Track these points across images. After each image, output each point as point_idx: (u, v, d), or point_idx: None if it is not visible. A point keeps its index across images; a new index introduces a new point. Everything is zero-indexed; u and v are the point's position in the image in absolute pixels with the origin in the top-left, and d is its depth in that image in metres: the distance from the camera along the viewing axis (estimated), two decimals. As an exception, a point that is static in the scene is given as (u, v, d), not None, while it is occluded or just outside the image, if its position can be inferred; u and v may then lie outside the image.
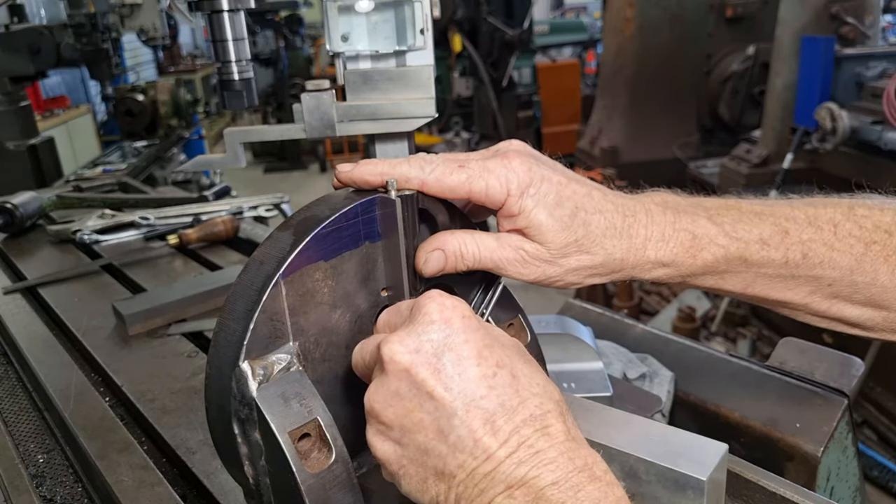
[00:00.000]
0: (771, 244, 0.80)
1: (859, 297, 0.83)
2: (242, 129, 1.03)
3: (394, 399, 0.62)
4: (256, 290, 0.66)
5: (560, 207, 0.74)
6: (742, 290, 0.83)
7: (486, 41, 6.74)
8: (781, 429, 1.10)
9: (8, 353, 1.56)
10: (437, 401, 0.60)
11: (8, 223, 2.22)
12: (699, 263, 0.79)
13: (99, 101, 8.23)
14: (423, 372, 0.60)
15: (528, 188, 0.73)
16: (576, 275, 0.77)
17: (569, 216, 0.74)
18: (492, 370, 0.61)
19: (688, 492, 0.76)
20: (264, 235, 0.86)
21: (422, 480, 0.62)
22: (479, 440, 0.58)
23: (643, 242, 0.77)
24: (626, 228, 0.77)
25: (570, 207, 0.74)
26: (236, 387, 0.65)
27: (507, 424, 0.59)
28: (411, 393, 0.61)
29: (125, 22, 5.19)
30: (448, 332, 0.62)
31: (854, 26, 4.33)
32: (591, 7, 14.28)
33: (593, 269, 0.77)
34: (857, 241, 0.81)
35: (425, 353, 0.61)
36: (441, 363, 0.61)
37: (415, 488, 0.63)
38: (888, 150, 3.56)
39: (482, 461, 0.58)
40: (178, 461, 1.07)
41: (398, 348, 0.62)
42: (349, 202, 0.71)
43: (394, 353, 0.62)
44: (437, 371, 0.60)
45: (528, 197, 0.73)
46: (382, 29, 1.02)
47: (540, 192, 0.74)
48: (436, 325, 0.62)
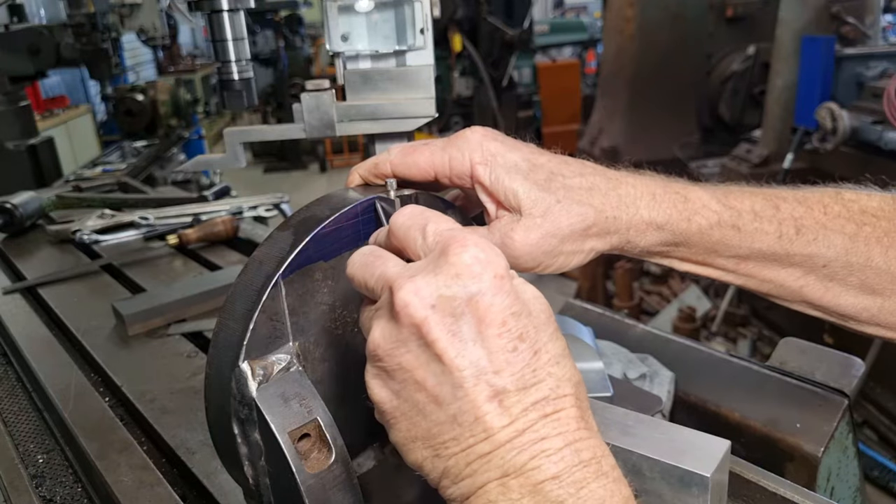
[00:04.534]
0: (763, 217, 0.78)
1: (854, 281, 0.81)
2: (242, 129, 1.03)
3: (400, 348, 0.57)
4: (256, 290, 0.66)
5: (534, 172, 0.73)
6: (735, 268, 0.81)
7: (486, 41, 6.74)
8: (782, 429, 1.10)
9: (7, 354, 1.56)
10: (445, 365, 0.54)
11: (8, 223, 2.22)
12: (693, 228, 0.77)
13: (99, 101, 8.24)
14: (436, 331, 0.54)
15: (496, 157, 0.73)
16: (572, 242, 0.74)
17: (545, 180, 0.73)
18: (513, 343, 0.55)
19: (692, 489, 0.76)
20: (264, 235, 0.86)
21: (410, 439, 0.58)
22: (481, 417, 0.54)
23: (634, 200, 0.75)
24: (612, 188, 0.75)
25: (544, 173, 0.73)
26: (236, 387, 0.65)
27: (516, 405, 0.54)
28: (420, 349, 0.56)
29: (125, 22, 5.20)
30: (475, 290, 0.55)
31: (854, 26, 4.33)
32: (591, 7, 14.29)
33: (587, 230, 0.74)
34: (848, 222, 0.80)
35: (443, 310, 0.55)
36: (458, 325, 0.55)
37: (401, 443, 0.59)
38: (888, 150, 3.56)
39: (480, 440, 0.54)
40: (177, 461, 1.07)
41: (413, 299, 0.55)
42: (349, 202, 0.71)
43: (408, 303, 0.55)
44: (453, 333, 0.54)
45: (499, 166, 0.72)
46: (382, 29, 1.02)
47: (509, 161, 0.73)
48: (462, 280, 0.55)
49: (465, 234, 0.58)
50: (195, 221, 2.15)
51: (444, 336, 0.54)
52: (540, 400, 0.54)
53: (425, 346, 0.55)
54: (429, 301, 0.55)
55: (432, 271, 0.56)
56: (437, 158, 0.74)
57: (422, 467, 0.58)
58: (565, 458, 0.53)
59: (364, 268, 0.62)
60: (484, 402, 0.54)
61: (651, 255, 0.80)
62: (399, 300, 0.56)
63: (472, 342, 0.54)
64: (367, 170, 0.78)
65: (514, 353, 0.55)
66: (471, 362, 0.54)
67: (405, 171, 0.75)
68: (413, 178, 0.76)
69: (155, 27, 5.33)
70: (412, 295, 0.55)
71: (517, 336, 0.55)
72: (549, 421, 0.54)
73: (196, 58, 13.35)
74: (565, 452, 0.53)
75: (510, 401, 0.54)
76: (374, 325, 0.59)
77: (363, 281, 0.62)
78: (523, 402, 0.54)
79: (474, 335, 0.55)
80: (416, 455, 0.58)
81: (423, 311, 0.55)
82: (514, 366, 0.54)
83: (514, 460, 0.53)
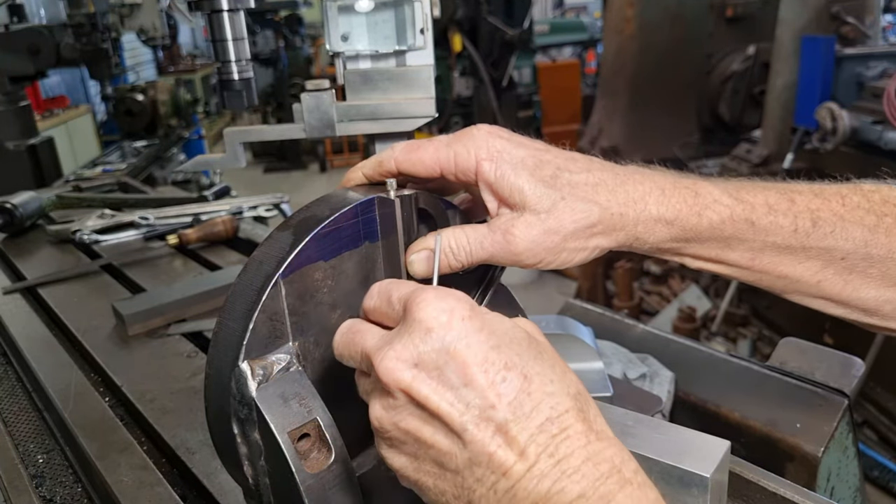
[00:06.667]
0: (778, 210, 0.76)
1: (875, 273, 0.78)
2: (242, 129, 1.03)
3: (399, 415, 0.58)
4: (256, 290, 0.66)
5: (540, 169, 0.72)
6: (749, 264, 0.78)
7: (486, 41, 6.74)
8: (782, 429, 1.10)
9: (7, 354, 1.56)
10: (443, 417, 0.55)
11: (8, 223, 2.22)
12: (704, 224, 0.74)
13: (99, 101, 8.23)
14: (424, 389, 0.56)
15: (501, 153, 0.71)
16: (576, 239, 0.72)
17: (551, 177, 0.71)
18: (500, 375, 0.55)
19: (692, 489, 0.76)
20: (264, 235, 0.86)
21: (441, 494, 0.58)
22: (492, 455, 0.54)
23: (642, 196, 0.73)
24: (619, 184, 0.73)
25: (551, 169, 0.72)
26: (236, 387, 0.65)
27: (521, 434, 0.54)
28: (417, 412, 0.57)
29: (125, 22, 5.19)
30: (448, 339, 0.56)
31: (854, 26, 4.32)
32: (591, 7, 14.27)
33: (592, 228, 0.72)
34: (867, 213, 0.77)
35: (426, 366, 0.56)
36: (444, 375, 0.56)
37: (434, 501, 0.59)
38: (888, 150, 3.56)
39: (500, 476, 0.54)
40: (177, 461, 1.07)
41: (396, 365, 0.57)
42: (349, 202, 0.71)
43: (391, 370, 0.57)
44: (441, 385, 0.56)
45: (504, 162, 0.71)
46: (382, 29, 1.02)
47: (515, 157, 0.72)
48: (434, 334, 0.56)
49: (423, 290, 0.60)
50: (195, 221, 2.15)
51: (433, 391, 0.56)
52: (543, 423, 0.55)
53: (420, 408, 0.57)
54: (410, 362, 0.57)
55: (406, 333, 0.58)
56: (443, 154, 0.73)
57: None
58: (586, 475, 0.53)
59: (347, 347, 0.64)
60: (490, 439, 0.54)
61: (661, 251, 0.78)
62: (383, 369, 0.57)
63: (463, 387, 0.55)
64: (371, 168, 0.78)
65: (505, 384, 0.55)
66: (466, 406, 0.55)
67: (410, 168, 0.75)
68: (418, 175, 0.75)
69: (155, 27, 5.33)
70: (394, 361, 0.57)
71: (503, 366, 0.56)
72: (561, 441, 0.54)
73: (196, 58, 13.35)
74: (584, 469, 0.53)
75: (514, 430, 0.54)
76: (370, 400, 0.61)
77: (349, 358, 0.64)
78: (528, 428, 0.54)
79: (462, 380, 0.55)
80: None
81: (408, 372, 0.57)
82: (508, 396, 0.55)
83: (537, 489, 0.53)
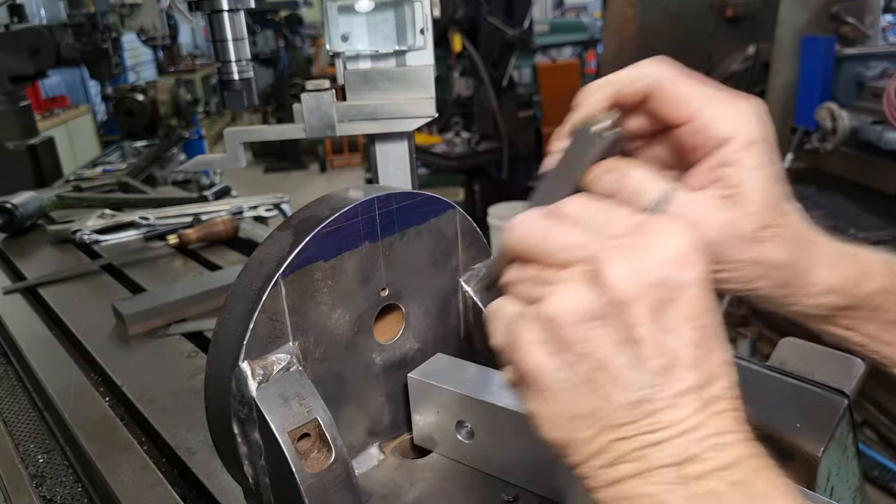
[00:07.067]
0: None
1: None
2: (242, 129, 1.03)
3: (594, 321, 0.51)
4: (256, 290, 0.66)
5: (773, 186, 0.64)
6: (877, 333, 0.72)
7: (486, 41, 6.73)
8: (781, 429, 1.10)
9: (8, 353, 1.56)
10: (640, 349, 0.51)
11: (8, 223, 2.22)
12: (864, 292, 0.68)
13: (99, 101, 8.22)
14: (643, 313, 0.50)
15: (755, 144, 0.63)
16: (751, 269, 0.66)
17: (776, 199, 0.65)
18: (703, 338, 0.52)
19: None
20: (264, 235, 0.86)
21: (563, 415, 0.53)
22: (666, 408, 0.51)
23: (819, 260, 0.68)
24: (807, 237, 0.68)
25: (780, 191, 0.65)
26: (236, 387, 0.65)
27: (696, 399, 0.51)
28: (616, 326, 0.51)
29: (125, 22, 5.19)
30: (687, 279, 0.51)
31: (854, 26, 4.32)
32: (591, 7, 14.27)
33: (769, 269, 0.66)
34: None
35: (656, 294, 0.50)
36: (664, 313, 0.51)
37: (548, 416, 0.54)
38: (888, 150, 3.56)
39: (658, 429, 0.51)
40: (178, 461, 1.07)
41: (622, 272, 0.50)
42: (349, 202, 0.72)
43: (616, 276, 0.50)
44: (657, 321, 0.51)
45: (753, 154, 0.63)
46: (382, 29, 1.02)
47: (766, 158, 0.63)
48: (678, 267, 0.51)
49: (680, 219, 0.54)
50: (195, 221, 2.15)
51: (648, 320, 0.51)
52: (716, 397, 0.52)
53: (625, 326, 0.51)
54: (645, 281, 0.50)
55: (644, 249, 0.51)
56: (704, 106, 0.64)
57: (566, 444, 0.54)
58: (737, 451, 0.51)
59: (539, 234, 0.55)
60: (672, 393, 0.51)
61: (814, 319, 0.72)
62: (613, 273, 0.50)
63: (672, 333, 0.51)
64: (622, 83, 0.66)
65: (701, 348, 0.52)
66: (666, 352, 0.51)
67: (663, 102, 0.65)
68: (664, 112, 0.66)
69: (155, 27, 5.33)
70: (620, 265, 0.50)
71: (708, 332, 0.52)
72: (723, 418, 0.52)
73: (196, 58, 13.34)
74: (737, 448, 0.52)
75: (693, 395, 0.52)
76: (556, 289, 0.53)
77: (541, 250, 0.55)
78: (703, 396, 0.52)
79: (675, 325, 0.51)
80: (562, 432, 0.54)
81: (637, 290, 0.50)
82: (700, 361, 0.52)
83: (690, 450, 0.51)
